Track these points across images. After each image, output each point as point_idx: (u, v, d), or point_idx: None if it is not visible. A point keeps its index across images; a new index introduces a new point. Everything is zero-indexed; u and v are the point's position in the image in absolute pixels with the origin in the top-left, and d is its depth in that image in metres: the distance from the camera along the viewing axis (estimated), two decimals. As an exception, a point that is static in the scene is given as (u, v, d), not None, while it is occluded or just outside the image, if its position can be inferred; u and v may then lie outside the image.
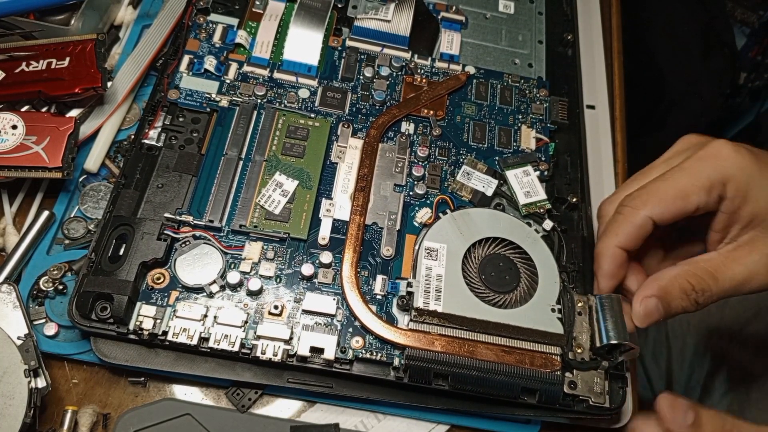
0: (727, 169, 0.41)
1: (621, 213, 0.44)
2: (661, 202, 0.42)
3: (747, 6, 1.27)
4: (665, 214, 0.42)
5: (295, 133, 0.51)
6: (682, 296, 0.42)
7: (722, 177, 0.41)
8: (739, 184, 0.41)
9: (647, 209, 0.42)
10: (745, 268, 0.42)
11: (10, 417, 0.38)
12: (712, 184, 0.41)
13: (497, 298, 0.45)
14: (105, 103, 0.52)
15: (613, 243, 0.44)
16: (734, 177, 0.41)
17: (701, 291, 0.42)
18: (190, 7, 0.55)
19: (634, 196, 0.43)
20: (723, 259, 0.43)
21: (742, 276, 0.42)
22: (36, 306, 0.45)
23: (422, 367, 0.42)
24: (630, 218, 0.43)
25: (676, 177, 0.42)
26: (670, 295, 0.43)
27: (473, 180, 0.51)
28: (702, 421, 0.40)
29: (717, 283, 0.42)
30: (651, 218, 0.42)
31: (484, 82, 0.57)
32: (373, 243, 0.48)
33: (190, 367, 0.43)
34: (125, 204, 0.46)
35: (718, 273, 0.43)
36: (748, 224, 0.42)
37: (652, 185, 0.43)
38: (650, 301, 0.43)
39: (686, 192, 0.42)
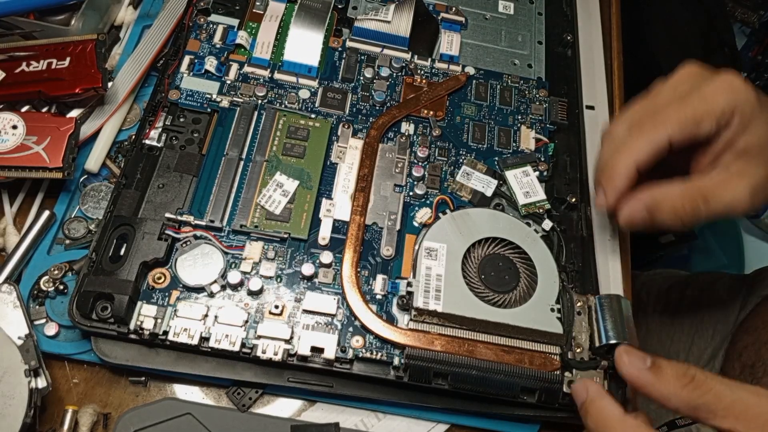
0: (738, 101, 0.43)
1: (641, 130, 0.44)
2: (680, 124, 0.43)
3: (747, 6, 1.28)
4: (681, 138, 0.43)
5: (296, 133, 0.51)
6: (670, 214, 0.44)
7: (733, 108, 0.43)
8: (744, 116, 0.43)
9: (668, 129, 0.43)
10: (733, 195, 0.44)
11: (10, 417, 0.39)
12: (724, 113, 0.43)
13: (497, 298, 0.46)
14: (105, 104, 0.52)
15: (632, 160, 0.44)
16: (742, 109, 0.43)
17: (691, 213, 0.44)
18: (190, 8, 0.55)
19: (656, 117, 0.44)
20: (716, 184, 0.45)
21: (730, 202, 0.44)
22: (36, 306, 0.45)
23: (422, 367, 0.42)
24: (651, 136, 0.43)
25: (695, 104, 0.43)
26: (659, 209, 0.44)
27: (473, 180, 0.51)
28: (661, 364, 0.39)
29: (707, 206, 0.44)
30: (670, 139, 0.43)
31: (483, 82, 0.57)
32: (373, 243, 0.48)
33: (191, 367, 0.43)
34: (126, 204, 0.46)
35: (710, 196, 0.44)
36: (741, 154, 0.44)
37: (671, 108, 0.44)
38: (639, 210, 0.44)
39: (701, 119, 0.43)
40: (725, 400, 0.37)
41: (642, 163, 0.44)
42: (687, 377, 0.38)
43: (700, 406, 0.37)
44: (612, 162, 0.45)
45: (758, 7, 1.26)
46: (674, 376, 0.39)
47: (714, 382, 0.38)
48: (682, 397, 0.38)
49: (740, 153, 0.44)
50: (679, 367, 0.39)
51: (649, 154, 0.44)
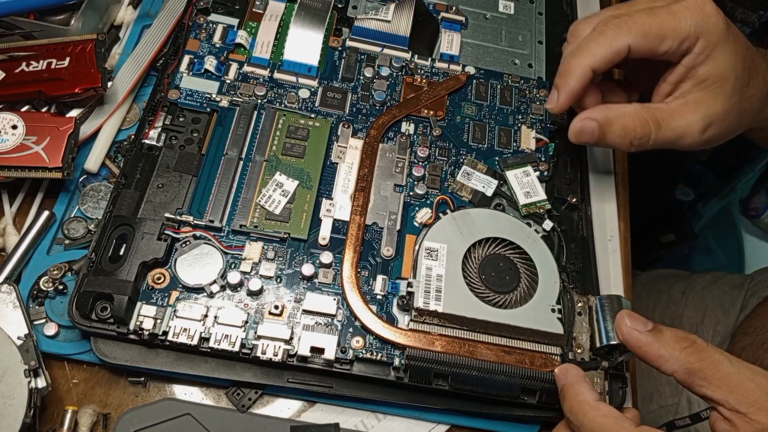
0: (706, 26, 0.43)
1: (603, 33, 0.44)
2: (643, 34, 0.43)
3: (747, 6, 1.27)
4: (641, 48, 0.43)
5: (296, 133, 0.51)
6: (620, 133, 0.45)
7: (698, 31, 0.43)
8: (708, 43, 0.43)
9: (630, 36, 0.43)
10: (686, 123, 0.45)
11: (10, 417, 0.38)
12: (689, 35, 0.43)
13: (497, 298, 0.45)
14: (105, 103, 0.52)
15: (587, 62, 0.44)
16: (708, 35, 0.43)
17: (641, 135, 0.45)
18: (190, 7, 0.55)
19: (620, 20, 0.44)
20: (671, 111, 0.45)
21: (681, 131, 0.45)
22: (36, 306, 0.45)
23: (422, 367, 0.42)
24: (611, 40, 0.43)
25: (663, 16, 0.43)
26: (610, 127, 0.45)
27: (473, 180, 0.51)
28: (661, 328, 0.39)
29: (659, 131, 0.45)
30: (630, 46, 0.43)
31: (484, 82, 0.57)
32: (374, 243, 0.48)
33: (191, 367, 0.43)
34: (125, 204, 0.46)
35: (663, 122, 0.45)
36: (700, 83, 0.44)
37: (638, 15, 0.43)
38: (590, 123, 0.45)
39: (665, 34, 0.43)
40: (722, 369, 0.37)
41: (598, 65, 0.44)
42: (687, 341, 0.38)
43: (697, 371, 0.37)
44: (569, 63, 0.45)
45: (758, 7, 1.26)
46: (674, 338, 0.38)
47: (713, 351, 0.38)
48: (680, 359, 0.38)
49: (699, 82, 0.44)
50: (680, 331, 0.39)
51: (606, 57, 0.44)
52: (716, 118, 0.45)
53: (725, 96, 0.45)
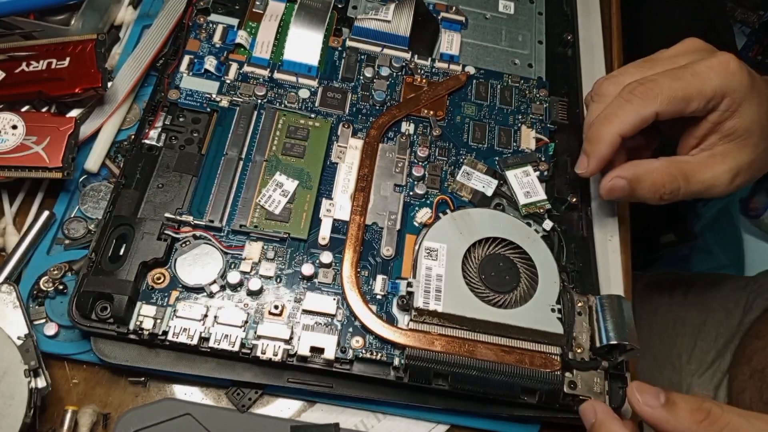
0: (731, 84, 0.43)
1: (630, 102, 0.44)
2: (670, 100, 0.44)
3: (747, 6, 1.27)
4: (668, 114, 0.44)
5: (296, 133, 0.51)
6: (650, 189, 0.46)
7: (724, 91, 0.43)
8: (734, 100, 0.44)
9: (657, 104, 0.44)
10: (713, 176, 0.46)
11: (10, 417, 0.38)
12: (715, 95, 0.44)
13: (497, 298, 0.45)
14: (105, 103, 0.52)
15: (616, 131, 0.45)
16: (733, 93, 0.44)
17: (671, 190, 0.46)
18: (190, 8, 0.55)
19: (647, 87, 0.44)
20: (698, 164, 0.46)
21: (710, 183, 0.46)
22: (36, 306, 0.45)
23: (422, 367, 0.42)
24: (639, 109, 0.44)
25: (688, 79, 0.44)
26: (640, 183, 0.46)
27: (473, 180, 0.51)
28: (675, 400, 0.38)
29: (687, 185, 0.46)
30: (657, 113, 0.44)
31: (484, 82, 0.57)
32: (373, 243, 0.48)
33: (191, 367, 0.43)
34: (125, 204, 0.46)
35: (690, 176, 0.46)
36: (726, 137, 0.45)
37: (664, 81, 0.44)
38: (620, 182, 0.46)
39: (692, 98, 0.44)
40: None
41: (627, 133, 0.45)
42: (702, 412, 0.37)
43: None
44: (598, 130, 0.46)
45: (758, 7, 1.26)
46: (689, 411, 0.37)
47: (730, 415, 0.37)
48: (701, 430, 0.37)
49: (726, 135, 0.45)
50: (694, 401, 0.38)
51: (634, 125, 0.44)
52: (743, 168, 0.46)
53: (751, 147, 0.45)
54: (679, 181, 0.46)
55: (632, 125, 0.44)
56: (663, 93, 0.44)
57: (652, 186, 0.46)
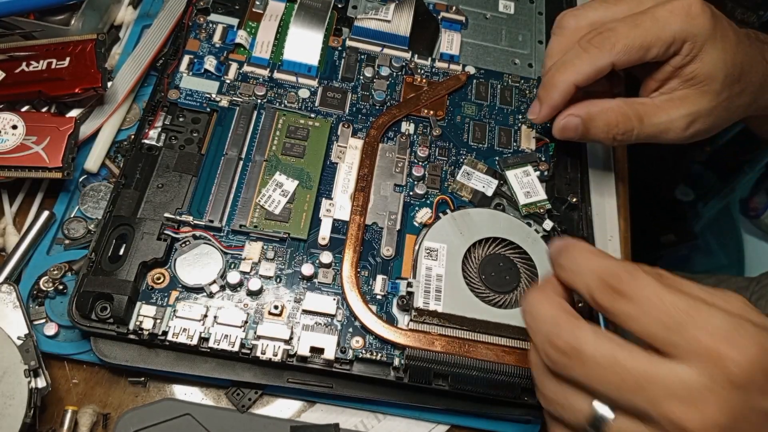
0: (692, 27, 0.43)
1: (587, 51, 0.44)
2: (627, 50, 0.43)
3: (747, 6, 1.27)
4: (626, 62, 0.44)
5: (295, 133, 0.51)
6: (603, 128, 0.46)
7: (685, 35, 0.43)
8: (695, 45, 0.43)
9: (613, 55, 0.44)
10: (669, 119, 0.45)
11: (10, 417, 0.38)
12: (675, 41, 0.43)
13: (497, 298, 0.45)
14: (105, 103, 0.52)
15: (571, 79, 0.45)
16: (694, 37, 0.43)
17: (624, 131, 0.46)
18: (190, 7, 0.55)
19: (604, 37, 0.44)
20: (655, 106, 0.46)
21: (664, 126, 0.45)
22: (36, 306, 0.45)
23: (422, 367, 0.42)
24: (595, 60, 0.44)
25: (646, 26, 0.43)
26: (593, 122, 0.46)
27: (473, 180, 0.51)
28: None
29: (641, 126, 0.46)
30: (614, 63, 0.44)
31: (484, 82, 0.57)
32: (373, 243, 0.48)
33: (190, 367, 0.43)
34: (125, 204, 0.46)
35: (645, 118, 0.46)
36: (687, 81, 0.45)
37: (622, 29, 0.44)
38: (573, 120, 0.46)
39: (651, 44, 0.43)
40: None
41: (581, 82, 0.45)
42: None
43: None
44: (552, 77, 0.46)
45: (758, 7, 1.26)
46: None
47: None
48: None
49: (687, 80, 0.45)
50: None
51: (588, 75, 0.44)
52: (701, 114, 0.45)
53: (713, 93, 0.45)
54: (633, 121, 0.46)
55: (586, 75, 0.44)
56: (620, 42, 0.43)
57: (606, 125, 0.46)
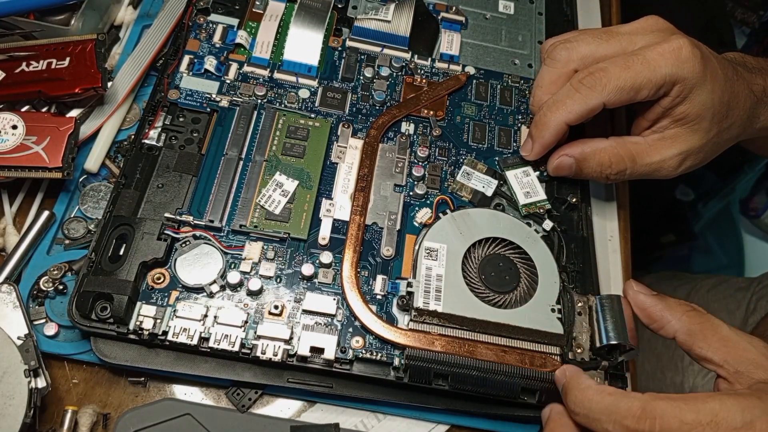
0: (682, 71, 0.44)
1: (578, 91, 0.45)
2: (618, 91, 0.44)
3: (747, 6, 1.27)
4: (616, 103, 0.45)
5: (296, 133, 0.51)
6: (596, 168, 0.47)
7: (675, 78, 0.44)
8: (685, 87, 0.44)
9: (604, 95, 0.44)
10: (661, 159, 0.47)
11: (10, 417, 0.38)
12: (665, 83, 0.44)
13: (497, 298, 0.45)
14: (105, 103, 0.52)
15: (563, 119, 0.46)
16: (684, 80, 0.44)
17: (617, 171, 0.47)
18: (190, 8, 0.55)
19: (595, 78, 0.45)
20: (647, 146, 0.47)
21: (657, 165, 0.47)
22: (36, 306, 0.45)
23: (422, 367, 0.42)
24: (587, 100, 0.45)
25: (638, 69, 0.44)
26: (586, 162, 0.47)
27: (473, 180, 0.51)
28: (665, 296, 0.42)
29: (634, 166, 0.47)
30: (605, 103, 0.45)
31: (483, 82, 0.57)
32: (373, 243, 0.48)
33: (190, 367, 0.43)
34: (125, 204, 0.46)
35: (638, 158, 0.47)
36: (678, 121, 0.46)
37: (614, 70, 0.45)
38: (567, 160, 0.48)
39: (641, 86, 0.44)
40: (721, 332, 0.39)
41: (573, 121, 0.46)
42: (689, 306, 0.40)
43: (697, 332, 0.39)
44: (545, 116, 0.47)
45: (758, 7, 1.26)
46: (676, 303, 0.41)
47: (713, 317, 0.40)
48: (682, 320, 0.40)
49: (677, 120, 0.46)
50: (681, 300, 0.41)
51: (580, 115, 0.45)
52: (692, 152, 0.47)
53: (702, 131, 0.46)
54: (626, 162, 0.47)
55: (578, 115, 0.45)
56: (611, 83, 0.44)
57: (599, 165, 0.47)
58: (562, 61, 0.48)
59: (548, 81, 0.48)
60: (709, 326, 0.39)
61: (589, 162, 0.47)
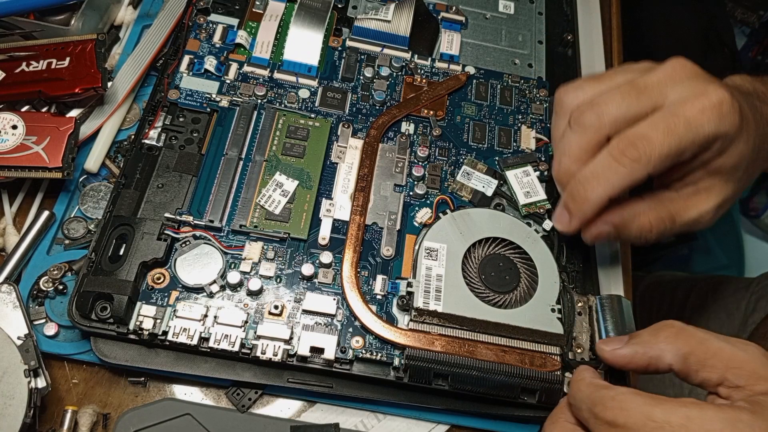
0: (723, 128, 0.41)
1: (621, 164, 0.41)
2: (663, 159, 0.41)
3: (747, 6, 1.28)
4: (661, 170, 0.42)
5: (295, 133, 0.51)
6: (637, 234, 0.45)
7: (716, 135, 0.41)
8: (725, 142, 0.42)
9: (650, 166, 0.41)
10: (698, 212, 0.44)
11: (10, 417, 0.38)
12: (707, 142, 0.41)
13: (497, 298, 0.45)
14: (105, 103, 0.52)
15: (606, 194, 0.42)
16: (725, 135, 0.41)
17: (657, 233, 0.45)
18: (190, 8, 0.55)
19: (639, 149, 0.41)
20: (684, 202, 0.45)
21: (694, 219, 0.45)
22: (36, 306, 0.45)
23: (422, 367, 0.42)
24: (632, 174, 0.41)
25: (681, 132, 0.40)
26: (626, 228, 0.44)
27: (473, 180, 0.51)
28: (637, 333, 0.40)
29: (674, 224, 0.45)
30: (650, 174, 0.42)
31: (484, 82, 0.57)
32: (373, 243, 0.48)
33: (190, 367, 0.43)
34: (125, 204, 0.46)
35: (677, 216, 0.45)
36: (713, 173, 0.44)
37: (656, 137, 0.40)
38: (606, 228, 0.44)
39: (685, 149, 0.41)
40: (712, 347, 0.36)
41: (615, 196, 0.42)
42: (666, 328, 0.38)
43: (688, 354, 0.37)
44: (585, 190, 0.42)
45: (758, 7, 1.26)
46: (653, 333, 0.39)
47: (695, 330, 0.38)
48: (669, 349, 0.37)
49: (713, 172, 0.43)
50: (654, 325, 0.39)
51: (623, 189, 0.42)
52: (728, 201, 0.45)
53: (736, 181, 0.44)
54: (666, 222, 0.44)
55: (623, 189, 0.42)
56: (655, 152, 0.41)
57: (639, 230, 0.44)
58: (592, 128, 0.43)
59: (578, 149, 0.43)
60: (697, 343, 0.37)
61: (630, 228, 0.44)
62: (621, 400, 0.35)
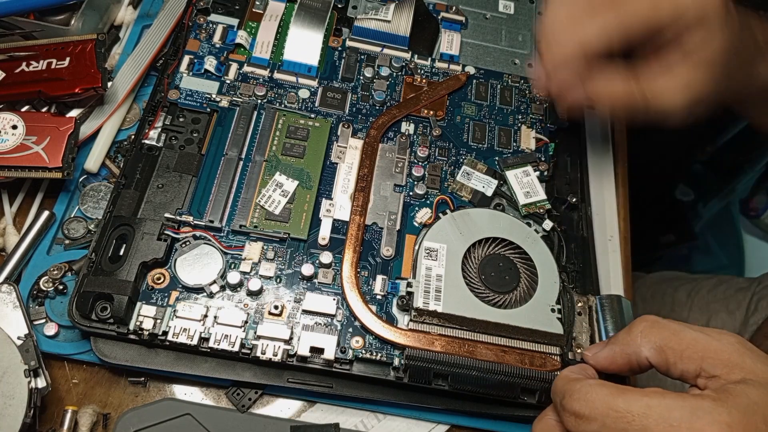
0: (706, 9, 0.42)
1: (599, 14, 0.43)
2: (638, 18, 0.42)
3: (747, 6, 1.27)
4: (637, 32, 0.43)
5: (295, 133, 0.51)
6: (607, 101, 0.45)
7: (700, 16, 0.42)
8: (708, 26, 0.42)
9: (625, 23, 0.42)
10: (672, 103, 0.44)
11: (10, 417, 0.38)
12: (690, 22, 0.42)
13: (497, 298, 0.45)
14: (105, 103, 0.52)
15: (579, 41, 0.43)
16: (707, 18, 0.42)
17: (627, 105, 0.44)
18: (190, 8, 0.55)
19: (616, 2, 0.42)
20: (654, 78, 0.44)
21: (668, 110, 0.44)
22: (36, 306, 0.45)
23: (422, 367, 0.42)
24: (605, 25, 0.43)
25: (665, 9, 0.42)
26: (599, 102, 0.45)
27: (473, 180, 0.51)
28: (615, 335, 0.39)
29: (644, 100, 0.44)
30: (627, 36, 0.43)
31: (484, 82, 0.57)
32: (373, 243, 0.48)
33: (190, 367, 0.43)
34: (125, 204, 0.46)
35: (646, 90, 0.44)
36: (687, 54, 0.43)
37: None
38: (579, 93, 0.44)
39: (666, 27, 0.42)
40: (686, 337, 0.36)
41: (590, 50, 0.43)
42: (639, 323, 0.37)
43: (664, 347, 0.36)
44: (560, 36, 0.44)
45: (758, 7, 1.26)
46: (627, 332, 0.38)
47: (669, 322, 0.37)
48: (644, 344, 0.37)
49: (687, 53, 0.44)
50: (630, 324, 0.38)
51: (600, 42, 0.43)
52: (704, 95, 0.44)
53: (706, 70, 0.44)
54: (636, 96, 0.44)
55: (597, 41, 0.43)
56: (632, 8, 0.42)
57: (610, 99, 0.45)
58: None
59: None
60: (670, 334, 0.36)
61: (602, 101, 0.45)
62: (585, 392, 0.35)
